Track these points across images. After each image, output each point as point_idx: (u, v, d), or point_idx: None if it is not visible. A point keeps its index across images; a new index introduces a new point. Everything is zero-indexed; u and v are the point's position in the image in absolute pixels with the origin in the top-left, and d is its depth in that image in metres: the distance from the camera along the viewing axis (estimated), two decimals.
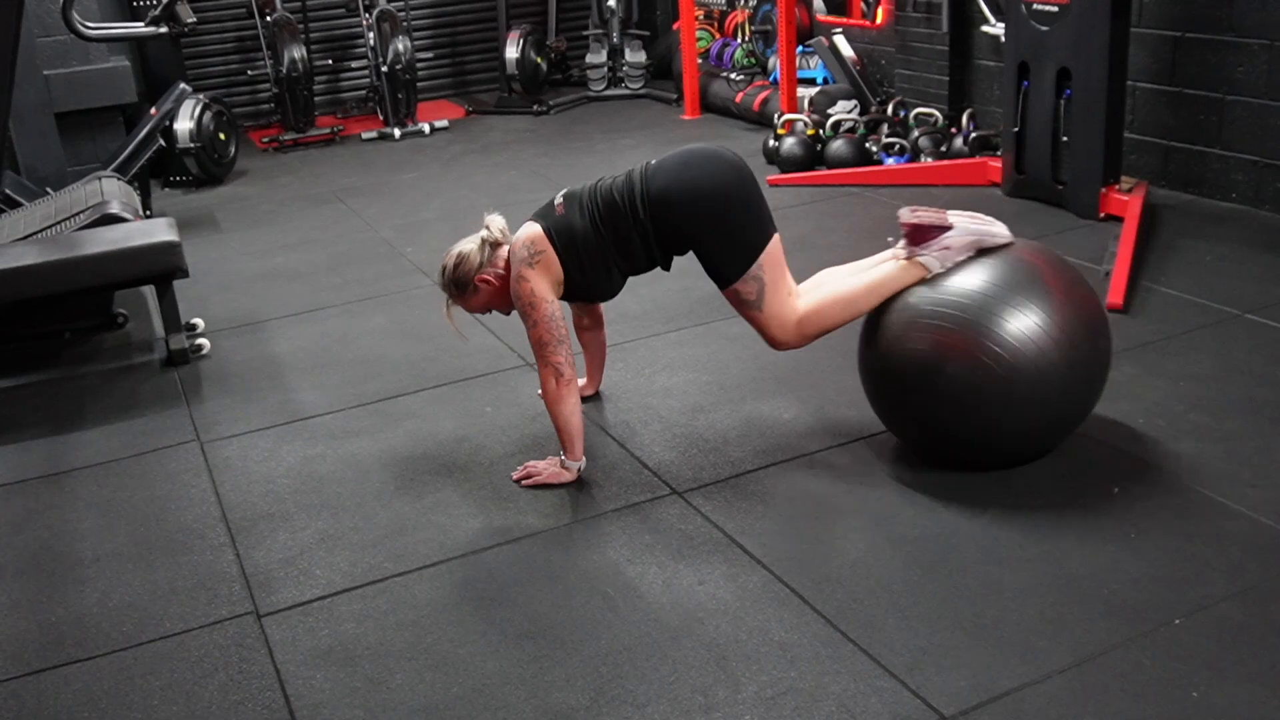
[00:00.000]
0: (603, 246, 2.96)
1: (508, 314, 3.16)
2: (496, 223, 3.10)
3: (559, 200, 3.03)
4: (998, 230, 2.84)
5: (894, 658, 2.27)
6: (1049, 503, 2.75)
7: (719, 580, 2.57)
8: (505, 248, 3.06)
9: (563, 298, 3.04)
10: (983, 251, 2.81)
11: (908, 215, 2.84)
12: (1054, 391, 2.73)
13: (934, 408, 2.80)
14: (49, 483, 3.32)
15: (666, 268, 3.08)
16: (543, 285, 2.95)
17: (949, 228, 2.81)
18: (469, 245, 3.07)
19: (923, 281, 2.82)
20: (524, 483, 3.05)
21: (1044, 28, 4.82)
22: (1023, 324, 2.69)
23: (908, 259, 2.85)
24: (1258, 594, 2.36)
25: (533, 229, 2.98)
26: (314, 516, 2.99)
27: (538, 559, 2.72)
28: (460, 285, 3.08)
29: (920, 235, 2.83)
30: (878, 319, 2.91)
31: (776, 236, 2.95)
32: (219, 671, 2.41)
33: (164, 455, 3.42)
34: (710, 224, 2.91)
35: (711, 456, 3.12)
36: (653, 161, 3.01)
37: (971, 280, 2.76)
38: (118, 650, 2.51)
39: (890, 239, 2.94)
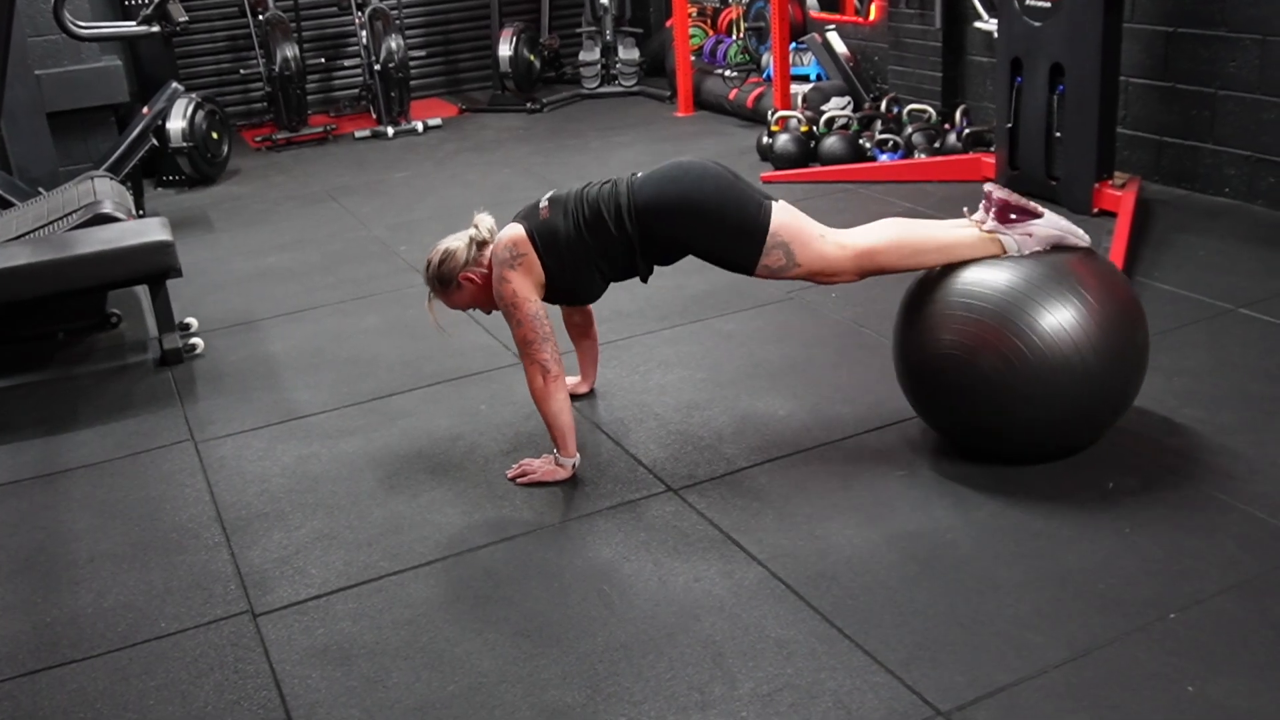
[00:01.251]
0: (586, 250, 2.96)
1: (489, 313, 3.17)
2: (485, 222, 3.10)
3: (544, 204, 3.02)
4: (1080, 232, 2.84)
5: (890, 653, 2.27)
6: (1043, 498, 2.75)
7: (715, 577, 2.57)
8: (491, 247, 3.06)
9: (545, 299, 3.04)
10: (1056, 248, 2.80)
11: (998, 191, 2.82)
12: (1089, 384, 2.72)
13: (968, 400, 2.80)
14: (43, 483, 3.31)
15: (644, 279, 3.08)
16: (525, 286, 2.95)
17: (1039, 215, 2.80)
18: (456, 242, 3.07)
19: (995, 257, 2.80)
20: (519, 480, 3.05)
21: (1037, 23, 4.82)
22: (1058, 317, 2.69)
23: (989, 232, 2.83)
24: (1253, 588, 2.37)
25: (515, 231, 2.98)
26: (309, 515, 2.99)
27: (533, 557, 2.71)
28: (444, 281, 3.08)
29: (1007, 213, 2.81)
30: (913, 311, 2.90)
31: (776, 206, 2.90)
32: (214, 671, 2.41)
33: (158, 455, 3.41)
34: (704, 230, 2.91)
35: (706, 454, 3.12)
36: (638, 174, 3.01)
37: (1004, 274, 2.76)
38: (113, 651, 2.51)
39: (966, 209, 2.93)
